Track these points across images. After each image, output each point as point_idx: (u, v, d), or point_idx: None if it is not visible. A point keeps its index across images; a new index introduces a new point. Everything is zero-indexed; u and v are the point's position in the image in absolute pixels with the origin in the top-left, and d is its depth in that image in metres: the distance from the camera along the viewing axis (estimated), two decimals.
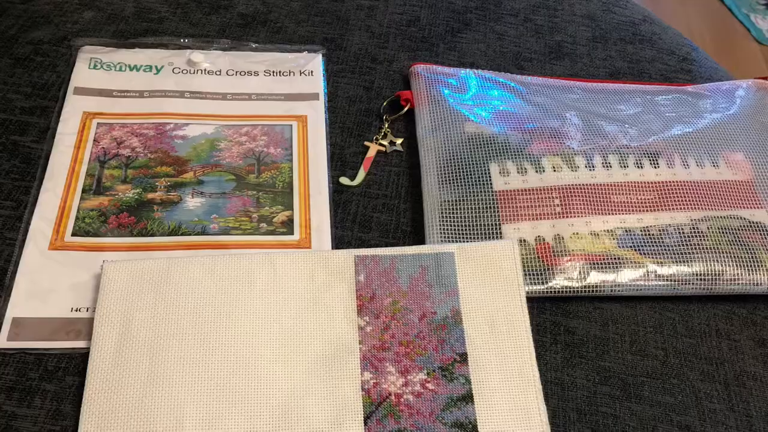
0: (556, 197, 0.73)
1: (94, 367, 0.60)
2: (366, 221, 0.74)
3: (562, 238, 0.70)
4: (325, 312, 0.64)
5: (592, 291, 0.69)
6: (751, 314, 0.71)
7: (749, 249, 0.71)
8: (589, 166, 0.75)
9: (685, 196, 0.74)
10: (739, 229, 0.72)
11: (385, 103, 0.85)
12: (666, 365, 0.67)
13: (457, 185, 0.74)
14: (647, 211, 0.73)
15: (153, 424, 0.58)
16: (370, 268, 0.67)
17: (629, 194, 0.74)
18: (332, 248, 0.71)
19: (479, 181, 0.74)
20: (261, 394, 0.60)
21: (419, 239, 0.73)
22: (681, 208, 0.73)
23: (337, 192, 0.77)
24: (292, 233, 0.72)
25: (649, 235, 0.71)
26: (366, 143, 0.81)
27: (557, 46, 0.95)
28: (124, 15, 0.90)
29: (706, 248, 0.71)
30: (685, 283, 0.69)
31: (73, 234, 0.69)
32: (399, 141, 0.81)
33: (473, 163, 0.75)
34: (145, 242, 0.70)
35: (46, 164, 0.74)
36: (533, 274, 0.69)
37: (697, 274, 0.69)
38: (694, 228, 0.72)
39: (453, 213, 0.72)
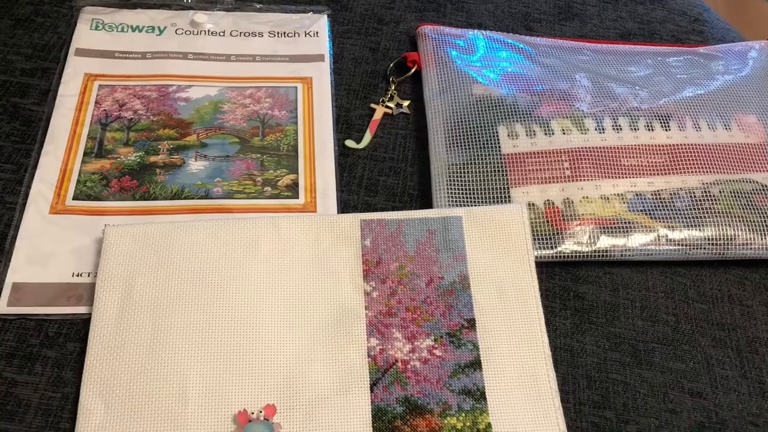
0: (566, 160, 0.70)
1: (96, 333, 0.58)
2: (372, 185, 0.72)
3: (572, 202, 0.68)
4: (331, 277, 0.62)
5: (602, 255, 0.66)
6: (764, 279, 0.68)
7: (762, 213, 0.68)
8: (599, 129, 0.73)
9: (696, 160, 0.71)
10: (751, 193, 0.70)
11: (391, 65, 0.82)
12: (677, 331, 0.64)
13: (465, 148, 0.71)
14: (658, 174, 0.70)
15: (156, 391, 0.55)
16: (377, 232, 0.64)
17: (640, 157, 0.71)
18: (338, 212, 0.69)
19: (487, 144, 0.71)
20: (265, 360, 0.57)
21: (426, 203, 0.71)
22: (692, 172, 0.71)
23: (342, 155, 0.74)
24: (297, 197, 0.69)
25: (660, 198, 0.68)
26: (372, 105, 0.78)
27: (567, 6, 0.91)
28: None
29: (718, 212, 0.68)
30: (697, 248, 0.67)
31: (75, 198, 0.67)
32: (406, 103, 0.78)
33: (481, 126, 0.72)
34: (148, 206, 0.67)
35: (47, 127, 0.71)
36: (542, 239, 0.66)
37: (708, 239, 0.67)
38: (705, 192, 0.69)
39: (461, 176, 0.69)
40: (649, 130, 0.73)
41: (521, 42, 0.82)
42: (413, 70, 0.80)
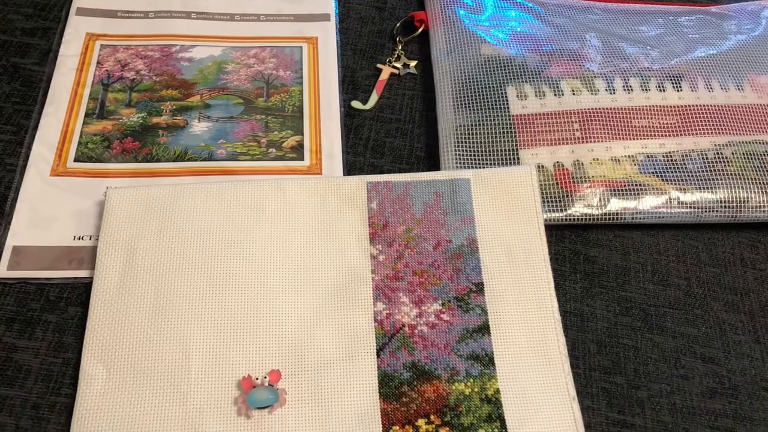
0: (576, 121, 0.67)
1: (98, 298, 0.55)
2: (378, 146, 0.68)
3: (582, 164, 0.64)
4: (337, 240, 0.59)
5: (613, 218, 0.63)
6: None
7: None
8: (610, 90, 0.69)
9: (708, 121, 0.68)
10: (764, 155, 0.67)
11: (398, 24, 0.78)
12: (689, 295, 0.61)
13: (473, 109, 0.68)
14: (670, 135, 0.67)
15: (158, 356, 0.53)
16: (383, 194, 0.61)
17: (651, 118, 0.68)
18: (344, 174, 0.66)
19: (496, 104, 0.68)
20: (270, 325, 0.55)
21: (434, 165, 0.67)
22: (704, 133, 0.67)
23: (348, 116, 0.71)
24: (302, 159, 0.66)
25: (671, 160, 0.65)
26: (379, 66, 0.75)
27: None
28: None
29: (731, 174, 0.65)
30: (709, 211, 0.63)
31: (76, 159, 0.64)
32: (413, 63, 0.75)
33: (490, 87, 0.69)
34: (150, 168, 0.64)
35: (48, 87, 0.68)
36: (552, 201, 0.63)
37: (721, 201, 0.64)
38: (718, 153, 0.66)
39: (469, 138, 0.66)
40: (660, 90, 0.70)
41: (530, 1, 0.78)
42: (420, 30, 0.77)
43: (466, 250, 0.59)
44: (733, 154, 0.66)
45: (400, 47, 0.76)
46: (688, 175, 0.64)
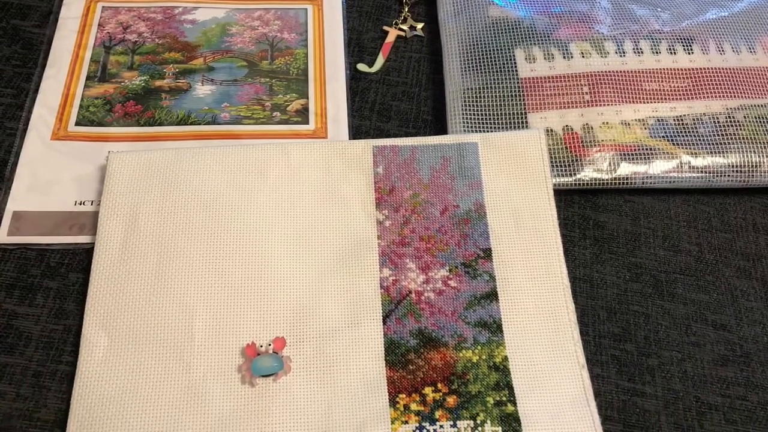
0: (585, 85, 0.64)
1: (99, 264, 0.52)
2: (385, 110, 0.65)
3: (591, 128, 0.61)
4: (342, 205, 0.56)
5: (623, 183, 0.60)
6: None
7: None
8: (620, 52, 0.66)
9: (720, 84, 0.65)
10: None
11: None
12: (700, 261, 0.58)
13: (481, 72, 0.64)
14: (680, 99, 0.64)
15: (161, 323, 0.50)
16: (390, 159, 0.58)
17: (662, 81, 0.65)
18: (349, 138, 0.63)
19: (504, 67, 0.65)
20: (274, 291, 0.52)
21: (441, 129, 0.64)
22: (716, 96, 0.64)
23: (354, 79, 0.68)
24: (307, 122, 0.63)
25: (682, 124, 0.62)
26: (385, 28, 0.72)
27: None
28: None
29: (743, 138, 0.62)
30: (721, 175, 0.61)
31: (77, 123, 0.61)
32: (420, 26, 0.72)
33: (498, 49, 0.66)
34: (153, 132, 0.61)
35: (49, 50, 0.66)
36: (561, 166, 0.60)
37: (733, 166, 0.61)
38: (729, 117, 0.63)
39: (476, 101, 0.63)
40: (671, 53, 0.66)
41: None
42: None
43: (474, 215, 0.56)
44: (745, 117, 0.63)
45: (406, 9, 0.73)
46: (700, 139, 0.61)
